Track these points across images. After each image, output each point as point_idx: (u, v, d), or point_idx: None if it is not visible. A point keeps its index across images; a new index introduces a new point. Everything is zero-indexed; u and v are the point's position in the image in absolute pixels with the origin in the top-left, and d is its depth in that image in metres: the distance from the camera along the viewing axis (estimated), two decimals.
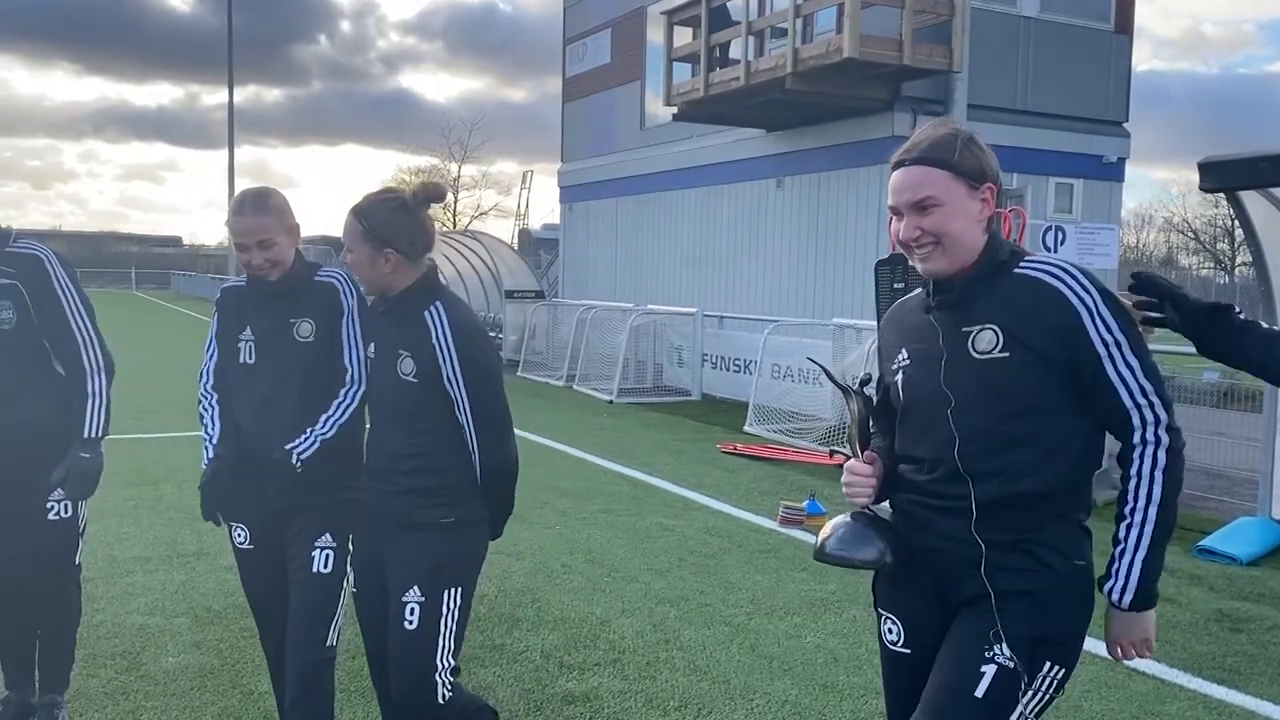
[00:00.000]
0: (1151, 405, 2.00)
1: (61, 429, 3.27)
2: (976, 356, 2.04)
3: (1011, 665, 2.00)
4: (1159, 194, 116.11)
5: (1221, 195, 7.09)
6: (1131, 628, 2.06)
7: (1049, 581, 2.03)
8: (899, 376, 2.18)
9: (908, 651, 2.19)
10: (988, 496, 2.03)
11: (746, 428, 10.86)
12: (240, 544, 3.08)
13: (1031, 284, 2.04)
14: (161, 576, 5.48)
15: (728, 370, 13.27)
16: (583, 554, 6.09)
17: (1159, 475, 2.00)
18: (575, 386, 14.25)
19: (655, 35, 15.37)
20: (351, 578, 2.90)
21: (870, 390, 2.21)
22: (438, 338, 2.70)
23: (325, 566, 2.95)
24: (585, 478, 8.36)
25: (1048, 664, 2.02)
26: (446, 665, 2.72)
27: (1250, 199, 6.49)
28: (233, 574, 4.25)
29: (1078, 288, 2.01)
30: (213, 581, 5.38)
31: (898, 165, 2.11)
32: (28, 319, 3.23)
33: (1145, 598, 2.03)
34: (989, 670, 2.00)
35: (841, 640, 4.75)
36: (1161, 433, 2.00)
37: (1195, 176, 5.97)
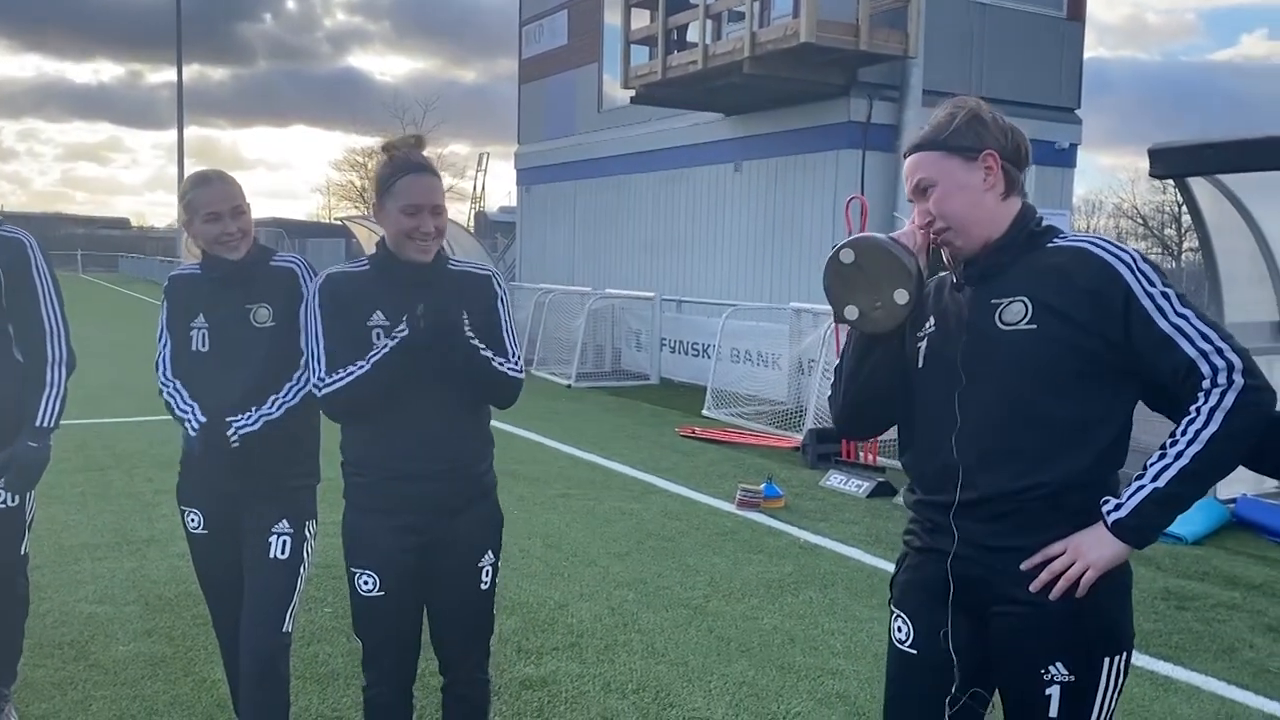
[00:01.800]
0: (1220, 351, 1.84)
1: (15, 416, 3.19)
2: (1002, 328, 1.95)
3: (1073, 679, 1.94)
4: (1107, 180, 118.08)
5: (1170, 181, 7.21)
6: (1092, 545, 1.89)
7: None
8: (922, 344, 2.10)
9: (914, 652, 2.11)
10: (1004, 488, 1.93)
11: (705, 411, 10.89)
12: (194, 529, 3.03)
13: (1066, 252, 1.96)
14: (111, 564, 5.39)
15: (686, 354, 13.29)
16: (541, 538, 6.08)
17: (1217, 415, 1.82)
18: (533, 371, 14.18)
19: (612, 17, 15.29)
20: (371, 584, 2.65)
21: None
22: (492, 274, 2.75)
23: (282, 552, 2.91)
24: (543, 462, 8.34)
25: (1107, 660, 1.96)
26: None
27: (1198, 185, 6.62)
28: (184, 561, 4.19)
29: (1115, 249, 1.93)
30: (164, 568, 5.30)
31: (904, 157, 2.10)
32: None
33: (1132, 529, 1.88)
34: (1053, 692, 1.94)
35: (798, 622, 4.79)
36: (1236, 377, 1.82)
37: (1141, 163, 6.09)
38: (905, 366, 2.13)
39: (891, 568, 6.10)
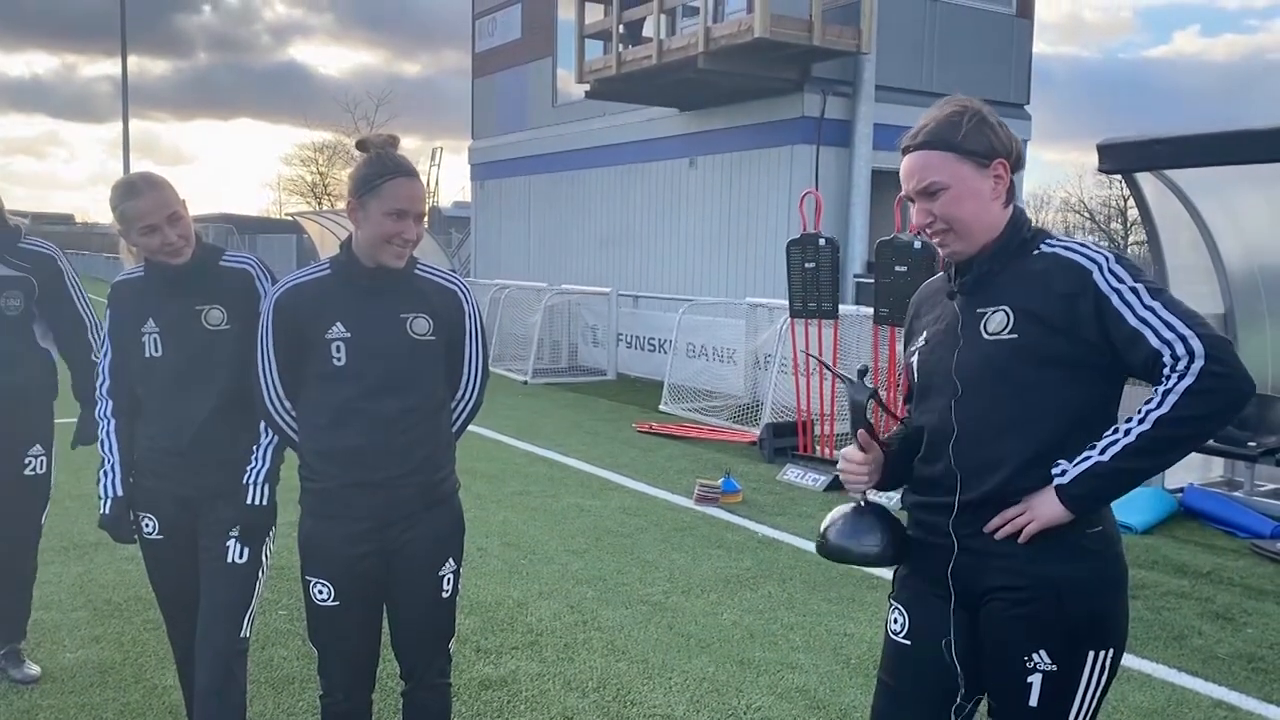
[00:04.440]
0: (1184, 339, 1.86)
1: (47, 394, 3.91)
2: (987, 338, 1.99)
3: (1055, 669, 1.96)
4: (1053, 175, 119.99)
5: (1118, 176, 7.32)
6: (1041, 503, 1.93)
7: (1069, 565, 1.96)
8: (914, 359, 2.14)
9: (908, 643, 2.14)
10: (995, 491, 1.97)
11: (662, 407, 10.89)
12: (148, 534, 2.96)
13: (1047, 258, 1.99)
14: (57, 569, 5.26)
15: (643, 350, 13.28)
16: (499, 537, 6.04)
17: (1169, 398, 1.86)
18: (489, 367, 14.10)
19: (566, 11, 15.22)
20: (326, 594, 2.60)
21: (868, 381, 2.17)
22: (462, 290, 2.71)
23: (240, 556, 2.85)
24: (500, 459, 8.29)
25: (1091, 654, 1.97)
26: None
27: (1146, 180, 6.72)
28: (134, 564, 4.10)
29: (1090, 252, 1.96)
30: (112, 573, 5.18)
31: (905, 151, 2.06)
32: (30, 305, 3.75)
33: (1071, 496, 1.91)
34: (1035, 680, 1.97)
35: (757, 617, 4.80)
36: (1196, 362, 1.84)
37: (1084, 158, 6.22)
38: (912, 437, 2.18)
39: None
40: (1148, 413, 1.89)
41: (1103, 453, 1.91)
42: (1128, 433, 1.90)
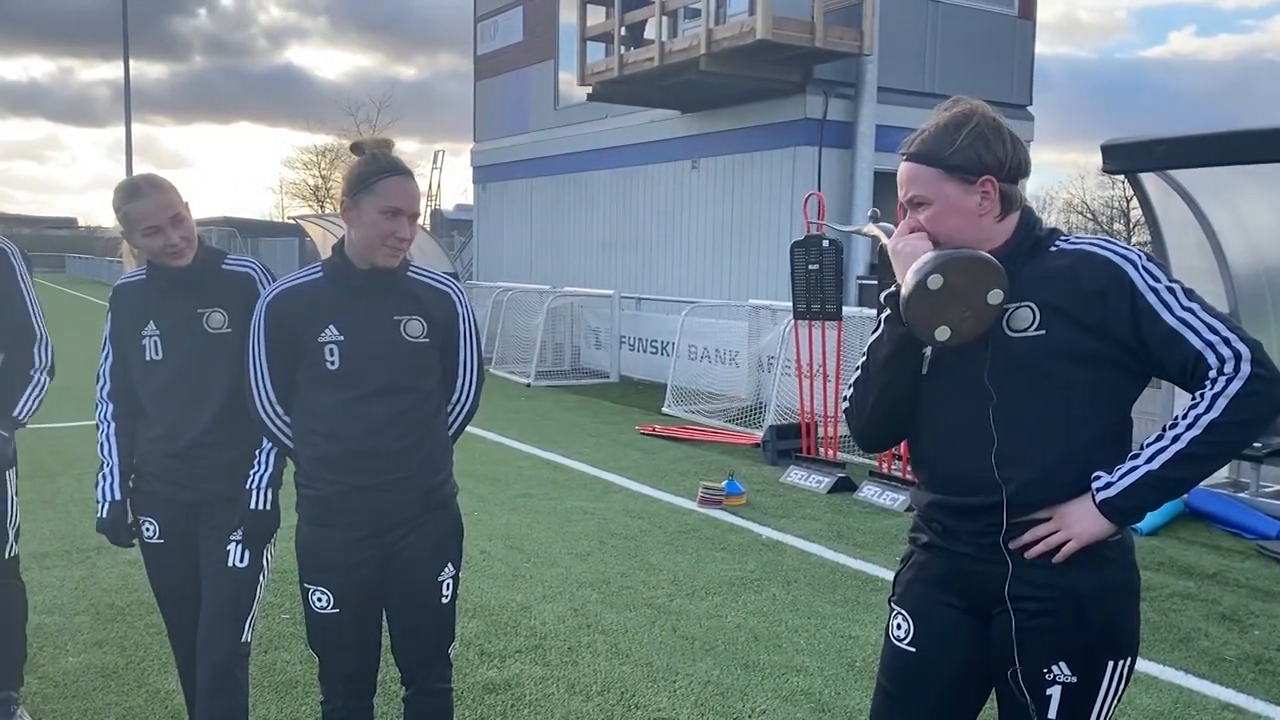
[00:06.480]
0: (1227, 341, 1.83)
1: None
2: (1010, 335, 1.93)
3: (1075, 680, 1.93)
4: (1053, 176, 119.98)
5: (1121, 176, 7.31)
6: (1078, 519, 1.89)
7: (1091, 575, 1.92)
8: (926, 349, 2.04)
9: (912, 650, 2.09)
10: (1019, 497, 1.92)
11: (665, 409, 10.88)
12: (149, 538, 2.95)
13: (1071, 255, 1.93)
14: (59, 573, 5.25)
15: (645, 352, 13.27)
16: (502, 540, 6.03)
17: (1220, 401, 1.81)
18: (492, 370, 14.09)
19: (568, 14, 15.23)
20: (325, 601, 2.59)
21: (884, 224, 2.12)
22: (456, 292, 2.68)
23: (241, 560, 2.84)
24: (503, 462, 8.28)
25: (1110, 664, 1.94)
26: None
27: (1149, 180, 6.71)
28: (135, 568, 4.10)
29: (1120, 248, 1.91)
30: (115, 576, 5.18)
31: (903, 157, 2.03)
32: None
33: (1119, 510, 1.87)
34: (1054, 692, 1.94)
35: (762, 619, 4.78)
36: (1244, 365, 1.81)
37: (1081, 159, 6.21)
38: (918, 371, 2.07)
39: (853, 563, 6.09)
40: (1196, 417, 1.83)
41: (1150, 460, 1.86)
42: (1176, 439, 1.85)
